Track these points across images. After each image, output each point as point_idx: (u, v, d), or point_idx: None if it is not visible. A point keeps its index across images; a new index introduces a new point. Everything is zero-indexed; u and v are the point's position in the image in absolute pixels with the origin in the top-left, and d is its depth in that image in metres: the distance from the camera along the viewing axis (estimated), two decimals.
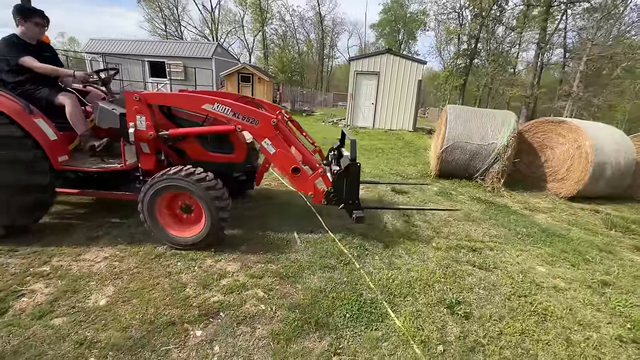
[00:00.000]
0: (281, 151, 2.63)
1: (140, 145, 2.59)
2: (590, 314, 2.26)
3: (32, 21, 2.69)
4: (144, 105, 2.51)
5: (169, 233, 2.59)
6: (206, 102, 2.53)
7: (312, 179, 2.73)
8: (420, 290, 2.36)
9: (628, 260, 3.21)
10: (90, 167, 2.70)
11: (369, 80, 12.41)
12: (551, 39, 20.23)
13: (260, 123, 2.56)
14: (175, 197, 2.61)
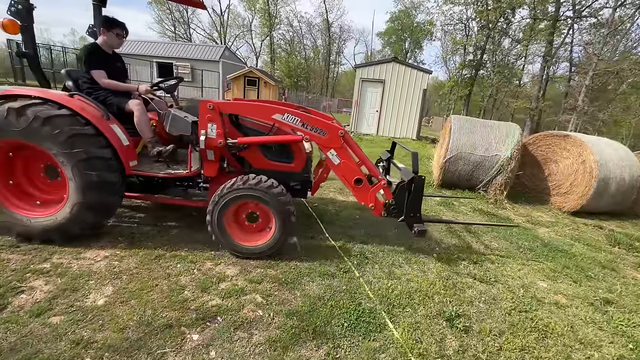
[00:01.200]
0: (345, 162, 2.70)
1: (206, 152, 2.64)
2: (592, 332, 2.23)
3: (113, 32, 2.83)
4: (217, 114, 2.56)
5: (236, 242, 2.61)
6: (276, 112, 2.61)
7: (373, 190, 2.77)
8: (419, 302, 2.34)
9: (631, 278, 3.17)
10: (158, 173, 2.74)
11: (374, 88, 12.47)
12: (557, 53, 20.29)
13: (328, 134, 2.63)
14: (244, 206, 2.64)
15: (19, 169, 2.58)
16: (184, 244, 2.76)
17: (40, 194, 2.63)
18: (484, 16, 20.85)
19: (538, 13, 20.34)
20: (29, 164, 2.57)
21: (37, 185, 2.64)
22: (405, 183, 2.79)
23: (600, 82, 16.06)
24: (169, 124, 2.65)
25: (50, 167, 2.55)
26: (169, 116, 2.67)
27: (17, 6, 2.39)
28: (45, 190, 2.65)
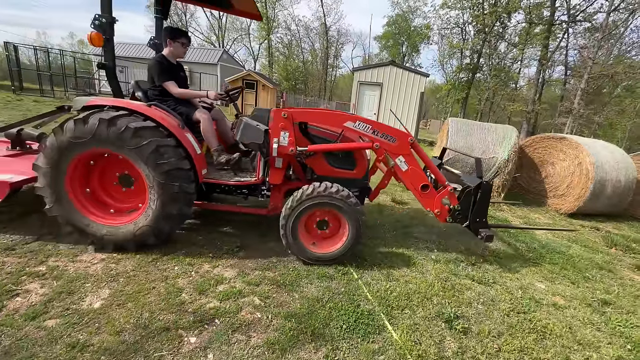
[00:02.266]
0: (413, 168, 2.77)
1: (275, 160, 2.67)
2: (590, 333, 2.23)
3: (179, 41, 2.90)
4: (290, 122, 2.61)
5: (307, 248, 2.64)
6: (348, 120, 2.68)
7: (439, 196, 2.82)
8: (418, 303, 2.33)
9: (628, 279, 3.18)
10: (229, 181, 2.81)
11: (372, 91, 12.53)
12: (553, 56, 20.51)
13: (398, 141, 2.72)
14: (315, 214, 2.67)
15: (95, 177, 2.60)
16: (181, 246, 2.75)
17: (114, 203, 2.66)
18: (480, 20, 21.05)
19: (533, 17, 20.57)
20: (104, 173, 2.60)
21: (111, 194, 2.67)
22: (472, 188, 2.83)
23: (595, 85, 16.25)
24: (240, 132, 2.63)
25: (124, 176, 2.59)
26: (241, 124, 2.67)
27: (101, 20, 2.45)
28: (118, 199, 2.67)
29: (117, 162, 2.50)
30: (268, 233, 3.16)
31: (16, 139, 3.41)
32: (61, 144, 2.32)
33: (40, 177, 2.40)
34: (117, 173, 2.58)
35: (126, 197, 2.67)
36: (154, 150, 2.33)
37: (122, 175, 2.59)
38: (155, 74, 2.81)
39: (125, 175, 2.58)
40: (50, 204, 2.44)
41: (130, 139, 2.29)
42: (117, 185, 2.63)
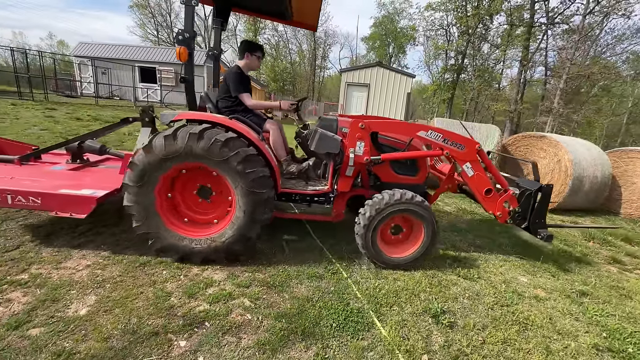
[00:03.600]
0: (479, 174, 2.92)
1: (347, 168, 2.76)
2: (569, 323, 2.33)
3: (256, 55, 3.04)
4: (366, 133, 2.72)
5: (384, 254, 2.76)
6: (421, 129, 2.84)
7: (501, 200, 2.97)
8: (406, 300, 2.39)
9: (605, 270, 3.33)
10: (305, 190, 2.90)
11: (359, 92, 12.65)
12: (533, 57, 21.19)
13: (466, 148, 2.87)
14: (393, 221, 2.78)
15: (177, 192, 2.62)
16: None
17: (196, 215, 2.68)
18: (464, 22, 21.55)
19: (514, 19, 21.20)
20: (185, 187, 2.62)
21: (192, 207, 2.69)
22: (533, 192, 2.99)
23: (573, 85, 16.87)
24: (315, 142, 2.69)
25: (203, 188, 2.62)
26: (317, 134, 2.71)
27: (185, 35, 2.48)
28: (198, 211, 2.69)
29: (196, 175, 2.56)
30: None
31: (77, 151, 3.40)
32: (152, 160, 2.33)
33: (129, 194, 2.39)
34: (197, 185, 2.61)
35: (206, 209, 2.69)
36: (243, 160, 2.38)
37: (201, 188, 2.62)
38: (233, 85, 2.88)
39: (203, 187, 2.61)
40: (140, 221, 2.44)
41: (220, 150, 2.34)
42: (196, 198, 2.65)
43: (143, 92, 19.41)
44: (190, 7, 2.48)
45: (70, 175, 3.06)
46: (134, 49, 20.74)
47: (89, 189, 2.55)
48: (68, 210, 2.39)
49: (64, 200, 2.39)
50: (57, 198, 2.39)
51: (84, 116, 9.15)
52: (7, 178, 2.74)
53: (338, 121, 2.89)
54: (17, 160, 3.17)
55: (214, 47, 3.32)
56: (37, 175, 2.93)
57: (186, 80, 2.59)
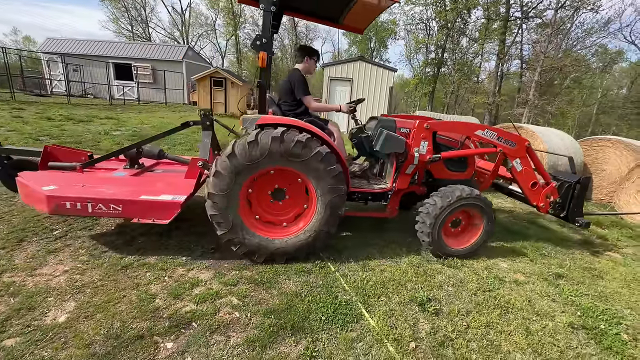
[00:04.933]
0: (527, 169, 3.15)
1: (407, 167, 2.96)
2: (546, 304, 2.44)
3: (314, 59, 3.16)
4: (430, 133, 2.91)
5: (448, 246, 2.95)
6: (478, 129, 3.04)
7: (545, 192, 3.20)
8: (393, 290, 2.43)
9: (578, 253, 3.50)
10: (372, 188, 3.05)
11: (342, 87, 12.65)
12: (509, 51, 21.81)
13: (517, 145, 3.09)
14: (456, 215, 2.95)
15: (254, 195, 2.66)
16: (152, 252, 2.66)
17: (273, 217, 2.75)
18: (443, 16, 21.87)
19: (491, 14, 21.70)
20: (261, 190, 2.68)
21: (265, 209, 2.74)
22: (572, 184, 3.27)
23: (547, 77, 17.53)
24: (381, 143, 2.83)
25: (277, 190, 2.69)
26: (383, 135, 2.83)
27: (262, 40, 2.51)
28: (273, 212, 2.76)
29: (270, 178, 2.62)
30: None
31: (135, 156, 3.34)
32: (236, 166, 2.38)
33: (215, 203, 2.41)
34: (274, 186, 2.67)
35: (280, 209, 2.76)
36: (323, 159, 2.48)
37: (275, 189, 2.68)
38: (299, 88, 2.97)
39: (277, 189, 2.69)
40: (225, 229, 2.47)
41: (302, 150, 2.42)
42: (268, 197, 2.71)
43: (119, 90, 18.66)
44: (268, 13, 2.51)
45: (138, 181, 3.00)
46: (107, 45, 19.85)
47: (168, 194, 2.54)
48: (150, 216, 2.39)
49: (147, 207, 2.39)
50: (139, 204, 2.39)
51: (55, 116, 8.70)
52: (78, 186, 2.63)
53: (396, 122, 3.04)
54: (79, 168, 3.04)
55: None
56: (104, 182, 2.84)
57: (262, 85, 2.63)
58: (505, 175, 3.57)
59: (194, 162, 2.80)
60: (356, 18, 3.29)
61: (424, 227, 2.87)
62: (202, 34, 40.41)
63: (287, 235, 2.64)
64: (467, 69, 24.82)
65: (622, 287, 2.83)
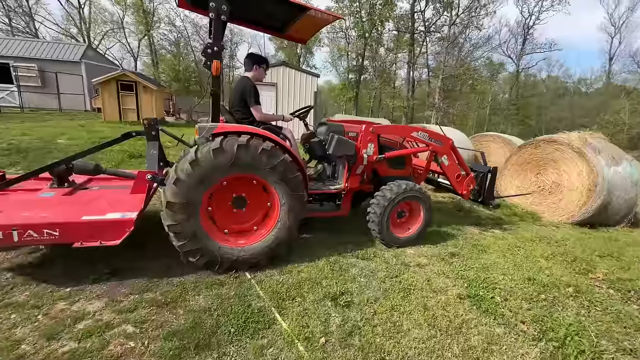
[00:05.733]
0: (452, 164, 3.73)
1: (357, 167, 3.26)
2: (441, 281, 2.77)
3: (262, 67, 3.21)
4: (375, 136, 3.26)
5: (395, 235, 3.33)
6: (414, 130, 3.51)
7: (467, 182, 3.78)
8: (308, 289, 2.47)
9: (469, 233, 4.08)
10: (329, 189, 3.26)
11: (268, 91, 12.57)
12: (417, 60, 24.66)
13: (444, 144, 3.65)
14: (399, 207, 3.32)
15: (215, 203, 2.60)
16: (23, 288, 2.20)
17: (231, 225, 2.71)
18: (360, 27, 23.55)
19: (401, 27, 24.21)
20: (222, 198, 2.62)
21: (226, 217, 2.69)
22: (485, 173, 3.96)
23: (448, 84, 20.34)
24: (333, 146, 3.05)
25: (238, 198, 2.67)
26: (335, 139, 3.05)
27: (214, 48, 2.48)
28: (233, 220, 2.72)
29: (230, 186, 2.58)
30: (146, 250, 2.82)
31: (65, 174, 2.95)
32: (199, 173, 2.33)
33: (173, 213, 2.31)
34: (233, 195, 2.65)
35: (241, 217, 2.74)
36: (286, 167, 2.60)
37: (235, 197, 2.67)
38: (251, 97, 3.00)
39: (238, 197, 2.68)
40: (185, 239, 2.39)
41: (268, 159, 2.50)
42: (230, 206, 2.68)
43: None
44: (219, 21, 2.50)
45: (74, 201, 2.66)
46: None
47: (115, 212, 2.32)
48: (97, 238, 2.16)
49: (92, 228, 2.16)
50: (81, 227, 2.14)
51: None
52: None
53: (344, 126, 3.36)
54: None
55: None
56: (29, 206, 2.43)
57: (215, 94, 2.63)
58: (435, 170, 4.21)
59: (141, 176, 2.59)
60: (301, 30, 3.40)
61: (375, 217, 3.21)
62: (107, 33, 35.78)
63: (250, 242, 2.66)
64: (386, 75, 27.18)
65: (499, 257, 3.38)
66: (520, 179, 6.25)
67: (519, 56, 33.43)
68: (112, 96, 12.63)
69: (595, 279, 3.08)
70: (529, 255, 3.49)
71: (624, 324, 2.35)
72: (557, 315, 2.34)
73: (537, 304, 2.50)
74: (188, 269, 2.59)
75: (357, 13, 23.93)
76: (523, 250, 3.64)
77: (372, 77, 27.03)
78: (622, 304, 2.66)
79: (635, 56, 37.91)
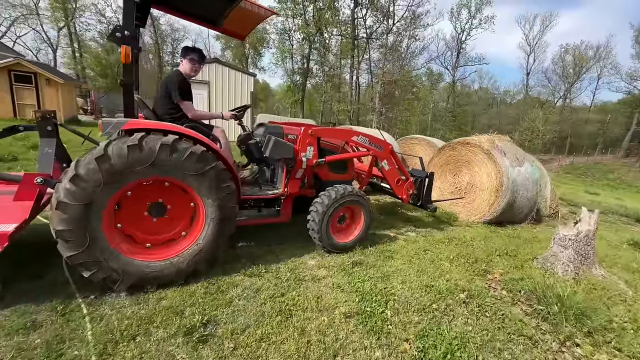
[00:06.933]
0: (392, 168, 3.72)
1: (297, 171, 3.07)
2: (333, 297, 2.46)
3: (187, 58, 2.92)
4: (314, 139, 3.12)
5: (335, 240, 3.19)
6: (354, 135, 3.44)
7: (406, 186, 3.84)
8: (160, 323, 1.96)
9: (382, 237, 3.89)
10: (266, 195, 3.04)
11: (199, 90, 11.65)
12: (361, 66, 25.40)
13: (384, 149, 3.60)
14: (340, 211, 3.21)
15: (126, 210, 2.27)
16: None
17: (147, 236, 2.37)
18: (304, 30, 23.49)
19: (344, 33, 24.70)
20: (135, 204, 2.29)
21: (137, 226, 2.34)
22: (423, 178, 4.02)
23: (388, 89, 21.20)
24: (270, 149, 2.85)
25: (156, 205, 2.35)
26: (272, 141, 2.85)
27: (124, 32, 2.19)
28: (146, 230, 2.36)
29: (147, 192, 2.30)
30: None
31: None
32: (106, 172, 2.00)
33: (64, 215, 1.94)
34: (147, 202, 2.33)
35: (157, 226, 2.40)
36: (217, 175, 2.35)
37: (153, 204, 2.34)
38: (175, 91, 2.76)
39: (156, 204, 2.35)
40: (79, 248, 2.00)
41: (195, 164, 2.24)
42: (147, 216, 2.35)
43: None
44: (130, 3, 2.24)
45: None
46: None
47: None
48: None
49: None
50: None
51: None
52: None
53: (283, 128, 3.18)
54: None
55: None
56: None
57: (126, 83, 2.35)
58: (377, 175, 4.16)
59: (28, 179, 2.16)
60: (236, 24, 3.24)
61: (314, 224, 3.05)
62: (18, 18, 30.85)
63: (163, 257, 2.32)
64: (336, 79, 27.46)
65: (404, 263, 3.21)
66: (440, 180, 6.43)
67: (454, 68, 36.65)
68: (5, 89, 10.61)
69: (492, 280, 3.05)
70: (434, 259, 3.39)
71: (508, 329, 2.26)
72: (444, 328, 2.16)
73: (427, 316, 2.31)
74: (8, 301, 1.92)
75: (301, 16, 23.84)
76: (430, 253, 3.54)
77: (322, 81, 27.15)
78: (511, 305, 2.61)
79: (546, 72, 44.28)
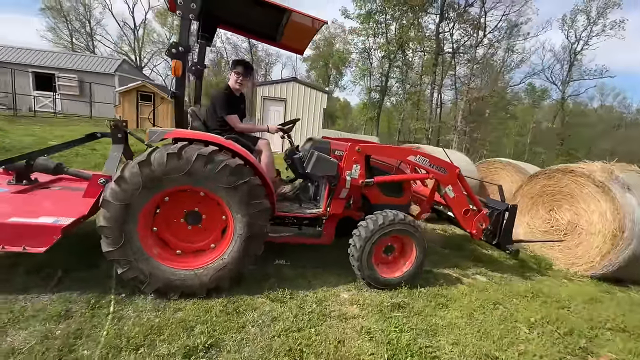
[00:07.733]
0: (458, 196, 3.11)
1: (341, 190, 2.79)
2: (358, 345, 2.05)
3: (234, 71, 2.99)
4: (362, 156, 2.80)
5: (378, 274, 2.73)
6: (411, 154, 2.97)
7: (476, 219, 3.16)
8: (167, 337, 1.90)
9: (439, 277, 3.20)
10: (303, 213, 2.86)
11: (276, 106, 12.49)
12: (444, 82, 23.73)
13: (448, 172, 3.05)
14: (387, 241, 2.77)
15: (162, 215, 2.34)
16: None
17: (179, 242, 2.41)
18: (384, 48, 23.32)
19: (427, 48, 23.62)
20: (172, 210, 2.36)
21: (173, 233, 2.41)
22: (501, 211, 3.32)
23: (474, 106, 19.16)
24: (312, 165, 2.66)
25: (192, 213, 2.38)
26: (314, 157, 2.67)
27: (179, 48, 2.41)
28: (180, 237, 2.42)
29: (185, 199, 2.34)
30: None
31: (25, 170, 2.87)
32: (147, 177, 2.09)
33: (107, 213, 2.07)
34: (184, 211, 2.37)
35: (191, 235, 2.43)
36: (250, 190, 2.29)
37: (189, 213, 2.38)
38: (219, 106, 2.85)
39: (192, 213, 2.38)
40: (114, 246, 2.11)
41: (228, 177, 2.21)
42: (183, 223, 2.39)
43: (38, 101, 16.78)
44: (186, 21, 2.44)
45: (20, 200, 2.54)
46: (27, 53, 18.01)
47: (50, 216, 2.14)
48: (21, 243, 1.96)
49: (17, 231, 1.97)
50: (6, 229, 1.96)
51: None
52: None
53: (330, 144, 2.93)
54: None
55: (198, 62, 3.10)
56: None
57: (177, 96, 2.49)
58: (441, 202, 3.54)
59: (95, 179, 2.44)
60: (293, 38, 3.29)
61: (355, 250, 2.69)
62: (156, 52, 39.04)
63: (189, 267, 2.30)
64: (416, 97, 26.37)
65: (462, 316, 2.55)
66: (530, 215, 5.23)
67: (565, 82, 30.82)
68: (132, 105, 13.27)
69: None
70: (506, 319, 2.62)
71: None
72: None
73: None
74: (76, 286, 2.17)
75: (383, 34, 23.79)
76: (502, 309, 2.76)
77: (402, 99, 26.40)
78: None
79: None
